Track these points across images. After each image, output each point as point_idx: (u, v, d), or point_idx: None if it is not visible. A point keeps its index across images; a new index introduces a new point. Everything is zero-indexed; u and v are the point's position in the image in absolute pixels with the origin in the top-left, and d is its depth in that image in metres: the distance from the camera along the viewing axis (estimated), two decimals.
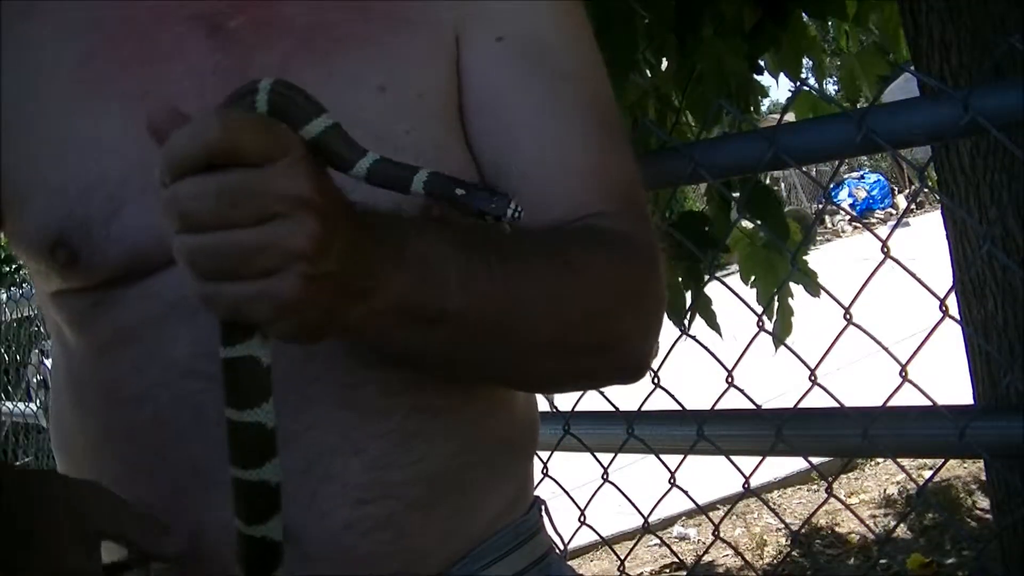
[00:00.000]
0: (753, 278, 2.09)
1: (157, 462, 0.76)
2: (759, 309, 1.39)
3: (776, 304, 2.07)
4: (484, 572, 0.81)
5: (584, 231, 0.77)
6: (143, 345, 0.75)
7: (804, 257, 2.09)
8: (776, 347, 1.86)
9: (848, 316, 1.26)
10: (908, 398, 1.19)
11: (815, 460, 1.63)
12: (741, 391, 1.36)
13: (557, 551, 0.94)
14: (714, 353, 1.39)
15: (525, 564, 0.85)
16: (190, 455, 0.74)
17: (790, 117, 1.38)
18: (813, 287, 2.01)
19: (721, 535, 1.61)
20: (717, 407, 1.39)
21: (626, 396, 1.49)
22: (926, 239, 4.07)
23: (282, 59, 0.75)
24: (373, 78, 0.76)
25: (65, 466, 0.84)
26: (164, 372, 0.75)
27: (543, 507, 0.93)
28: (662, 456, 1.50)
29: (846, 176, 15.76)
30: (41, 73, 0.78)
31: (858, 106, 1.55)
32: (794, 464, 3.89)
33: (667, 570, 3.77)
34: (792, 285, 2.08)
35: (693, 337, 1.51)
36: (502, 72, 0.79)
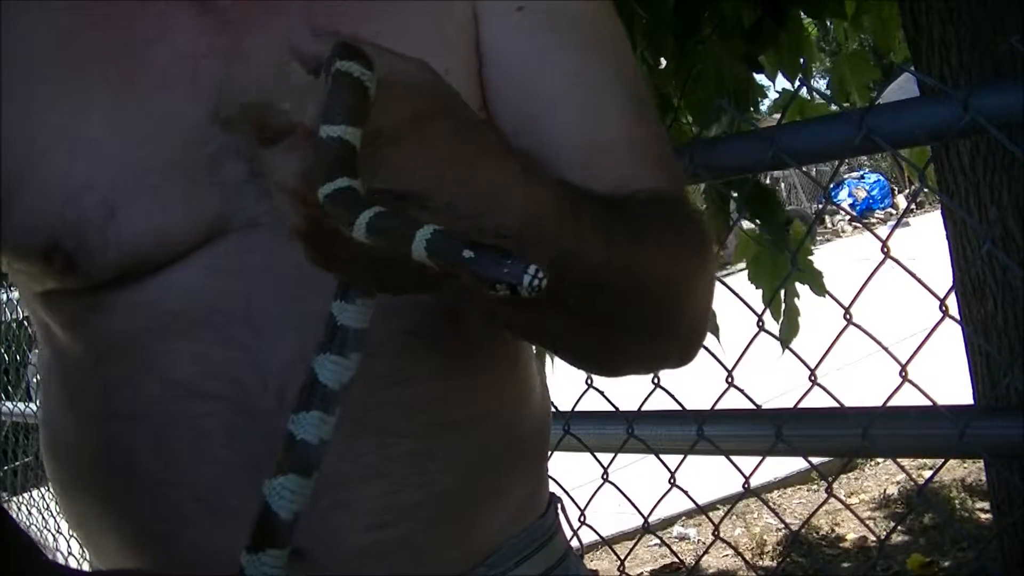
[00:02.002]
0: (759, 280, 2.10)
1: (156, 484, 0.72)
2: (759, 309, 1.39)
3: (783, 306, 2.07)
4: None
5: (663, 206, 0.72)
6: (140, 357, 0.72)
7: (809, 257, 2.09)
8: (783, 349, 1.86)
9: (848, 316, 1.26)
10: (908, 398, 1.19)
11: (815, 460, 1.63)
12: (741, 391, 1.36)
13: (575, 553, 0.91)
14: (714, 353, 1.39)
15: (542, 569, 0.82)
16: (192, 480, 0.71)
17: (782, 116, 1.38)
18: (818, 287, 2.01)
19: (721, 535, 1.61)
20: (717, 407, 1.39)
21: (626, 396, 1.49)
22: (926, 239, 4.08)
23: (279, 43, 0.68)
24: None
25: (57, 473, 0.81)
26: (163, 390, 0.71)
27: (559, 506, 0.90)
28: (662, 456, 1.50)
29: (846, 176, 15.76)
30: (20, 60, 0.72)
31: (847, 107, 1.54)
32: (794, 464, 3.89)
33: (667, 570, 3.77)
34: (798, 285, 2.08)
35: None
36: (527, 43, 0.75)
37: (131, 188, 0.70)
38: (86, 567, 0.88)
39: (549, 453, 1.57)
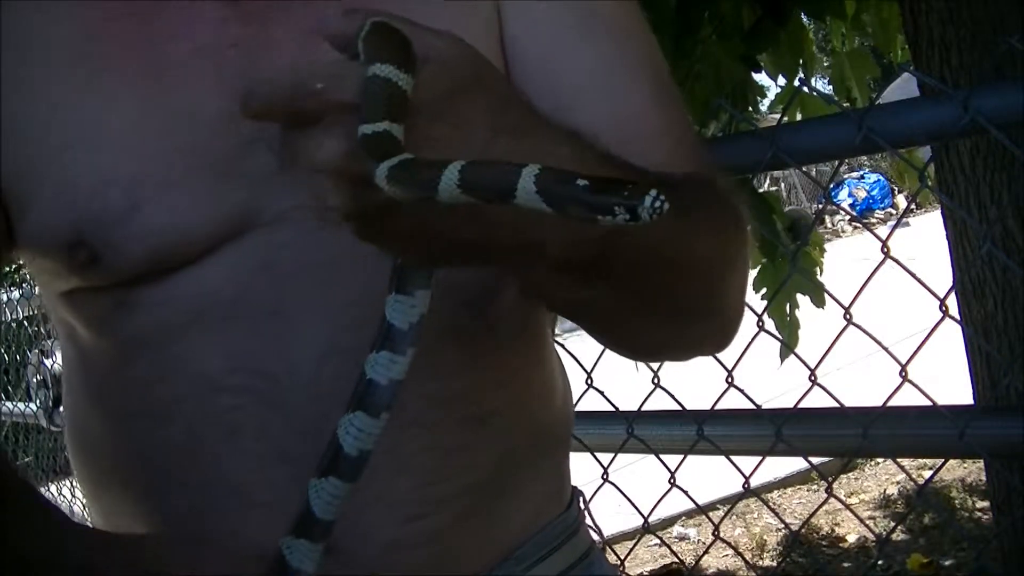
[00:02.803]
0: (764, 290, 2.11)
1: (188, 479, 0.72)
2: (759, 309, 1.39)
3: (788, 318, 2.08)
4: (525, 575, 0.78)
5: (696, 186, 0.71)
6: (167, 354, 0.71)
7: (815, 268, 2.11)
8: (783, 359, 1.86)
9: (848, 316, 1.26)
10: (908, 398, 1.19)
11: (815, 460, 1.63)
12: (741, 391, 1.36)
13: (598, 546, 0.90)
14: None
15: (567, 564, 0.82)
16: (224, 475, 0.70)
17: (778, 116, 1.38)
18: (818, 298, 2.02)
19: (721, 535, 1.61)
20: (717, 407, 1.39)
21: (626, 396, 1.49)
22: (926, 239, 4.08)
23: (304, 34, 0.69)
24: None
25: (85, 471, 0.81)
26: (192, 385, 0.71)
27: (582, 498, 0.89)
28: (662, 456, 1.50)
29: (846, 176, 15.75)
30: (39, 56, 0.71)
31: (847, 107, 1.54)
32: (794, 464, 3.89)
33: (667, 570, 3.77)
34: (799, 296, 2.09)
35: None
36: (553, 34, 0.75)
37: (155, 182, 0.69)
38: None
39: None
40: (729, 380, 1.37)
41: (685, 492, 1.54)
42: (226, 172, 0.69)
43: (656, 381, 1.48)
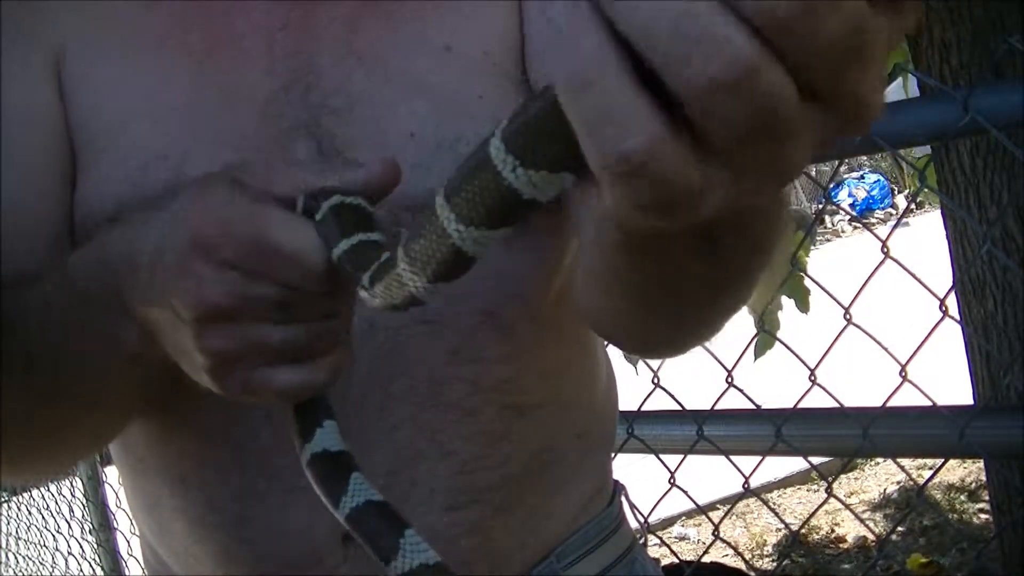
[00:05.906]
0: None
1: (228, 459, 0.71)
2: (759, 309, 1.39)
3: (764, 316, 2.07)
4: (567, 572, 0.77)
5: None
6: None
7: (801, 273, 2.10)
8: (756, 357, 1.84)
9: (848, 316, 1.26)
10: (908, 398, 1.19)
11: (815, 460, 1.63)
12: (741, 391, 1.36)
13: (639, 541, 0.88)
14: (714, 353, 1.39)
15: (610, 560, 0.81)
16: (264, 455, 0.70)
17: None
18: (803, 304, 2.01)
19: (721, 535, 1.62)
20: (717, 407, 1.39)
21: (626, 396, 1.49)
22: (926, 239, 4.08)
23: (348, 18, 0.70)
24: (437, 37, 0.69)
25: (125, 457, 0.79)
26: None
27: (624, 494, 0.88)
28: (662, 456, 1.50)
29: (846, 176, 15.74)
30: (102, 28, 0.71)
31: None
32: (794, 464, 3.89)
33: (666, 570, 3.77)
34: (783, 299, 2.08)
35: None
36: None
37: (204, 160, 0.68)
38: (132, 564, 0.87)
39: None
40: (729, 380, 1.37)
41: (685, 492, 1.54)
42: (271, 155, 0.68)
43: (656, 381, 1.48)
